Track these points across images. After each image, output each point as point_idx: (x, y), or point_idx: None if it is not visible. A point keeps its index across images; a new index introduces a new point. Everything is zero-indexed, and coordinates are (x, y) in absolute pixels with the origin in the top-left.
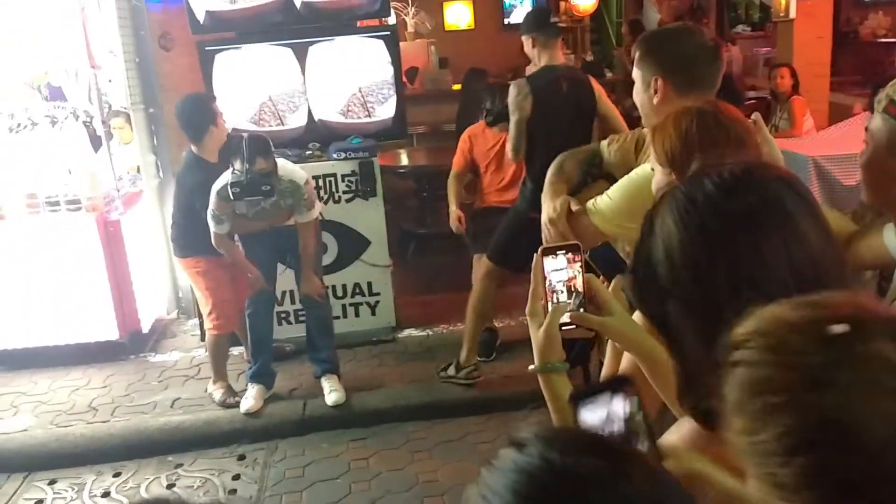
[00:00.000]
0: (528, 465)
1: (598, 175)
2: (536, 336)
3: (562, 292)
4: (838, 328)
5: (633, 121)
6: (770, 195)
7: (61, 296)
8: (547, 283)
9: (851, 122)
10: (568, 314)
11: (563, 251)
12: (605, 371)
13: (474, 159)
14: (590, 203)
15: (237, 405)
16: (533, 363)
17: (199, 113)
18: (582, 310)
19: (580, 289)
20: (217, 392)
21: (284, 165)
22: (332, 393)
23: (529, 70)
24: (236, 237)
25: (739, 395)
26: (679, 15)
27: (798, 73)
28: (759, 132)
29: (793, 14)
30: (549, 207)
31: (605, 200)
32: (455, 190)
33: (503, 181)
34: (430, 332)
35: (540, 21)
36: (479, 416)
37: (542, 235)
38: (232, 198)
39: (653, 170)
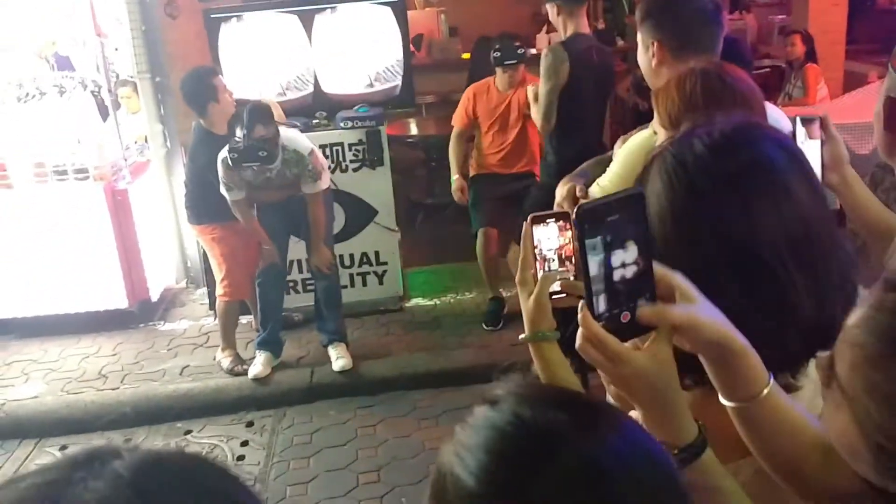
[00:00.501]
0: (500, 421)
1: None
2: (526, 305)
3: (553, 260)
4: None
5: (645, 90)
6: (760, 155)
7: (71, 265)
8: (537, 252)
9: (866, 91)
10: (558, 283)
11: (554, 219)
12: None
13: (477, 117)
14: (593, 184)
15: (245, 373)
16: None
17: (199, 89)
18: (572, 278)
19: (570, 257)
20: (225, 360)
21: (289, 135)
22: (338, 360)
23: (541, 39)
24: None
25: (885, 348)
26: None
27: (813, 40)
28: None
29: None
30: (557, 195)
31: (606, 175)
32: (457, 153)
33: (504, 145)
34: (438, 302)
35: None
36: (484, 385)
37: None
38: (231, 164)
39: (655, 133)
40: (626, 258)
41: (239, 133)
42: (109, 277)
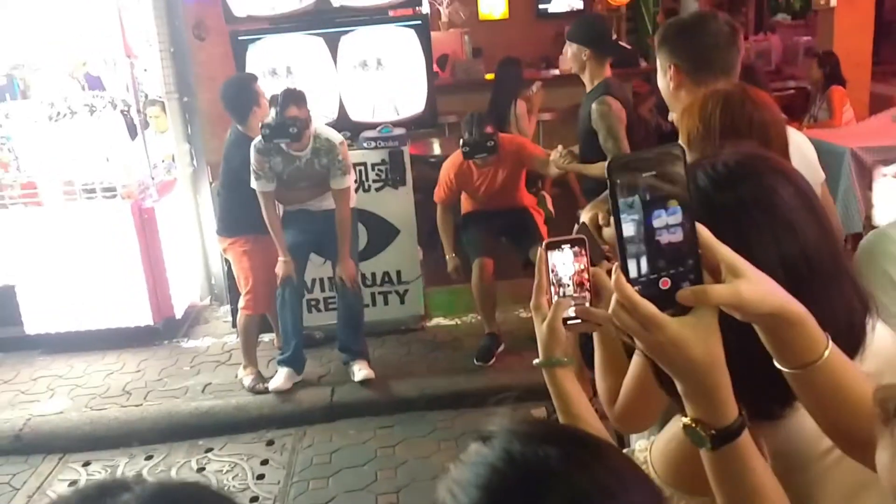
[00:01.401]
0: (492, 457)
1: None
2: (540, 330)
3: (567, 286)
4: None
5: (667, 111)
6: (763, 189)
7: (97, 282)
8: (552, 277)
9: (892, 113)
10: (573, 308)
11: (569, 245)
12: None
13: (460, 191)
14: None
15: (267, 391)
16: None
17: (241, 95)
18: (587, 304)
19: (585, 283)
20: (247, 378)
21: (322, 125)
22: (360, 371)
23: (563, 61)
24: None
25: None
26: (717, 3)
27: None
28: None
29: (834, 2)
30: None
31: None
32: (447, 229)
33: (495, 202)
34: (459, 322)
35: (601, 36)
36: (505, 407)
37: None
38: (264, 141)
39: None
40: (663, 219)
41: (272, 113)
42: (135, 294)
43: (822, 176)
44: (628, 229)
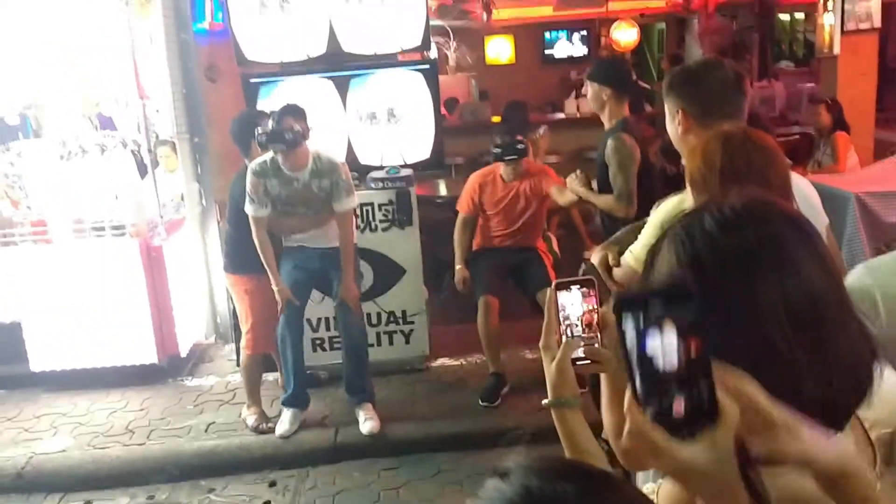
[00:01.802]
0: (510, 493)
1: None
2: (549, 370)
3: (576, 326)
4: None
5: (673, 154)
6: (769, 233)
7: (103, 319)
8: (561, 318)
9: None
10: (582, 349)
11: (578, 286)
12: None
13: (482, 204)
14: (626, 252)
15: (270, 431)
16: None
17: (244, 129)
18: (596, 345)
19: (594, 323)
20: (251, 417)
21: (323, 148)
22: (367, 422)
23: (569, 104)
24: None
25: None
26: (721, 50)
27: (841, 108)
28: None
29: (837, 50)
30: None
31: (638, 242)
32: (462, 241)
33: (510, 230)
34: (464, 362)
35: (621, 76)
36: (511, 448)
37: None
38: (260, 148)
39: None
40: (669, 342)
41: (269, 123)
42: (141, 332)
43: (825, 220)
44: (637, 352)
